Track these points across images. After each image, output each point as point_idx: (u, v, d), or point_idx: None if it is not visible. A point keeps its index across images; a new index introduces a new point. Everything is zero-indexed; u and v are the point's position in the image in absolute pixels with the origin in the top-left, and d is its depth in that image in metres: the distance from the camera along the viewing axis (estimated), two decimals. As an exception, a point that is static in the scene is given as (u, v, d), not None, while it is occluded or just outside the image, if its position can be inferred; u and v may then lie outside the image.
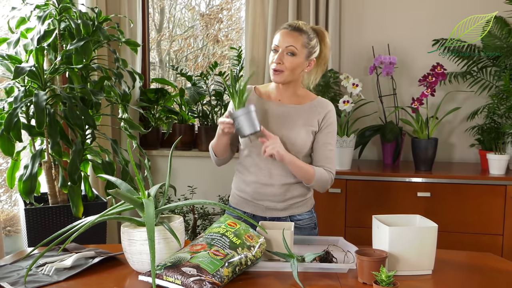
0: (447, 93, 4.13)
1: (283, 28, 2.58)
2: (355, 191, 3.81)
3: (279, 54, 2.52)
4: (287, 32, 2.55)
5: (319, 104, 2.66)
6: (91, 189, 3.85)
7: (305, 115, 2.62)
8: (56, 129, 3.37)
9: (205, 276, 1.82)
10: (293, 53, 2.52)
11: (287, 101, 2.66)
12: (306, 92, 2.72)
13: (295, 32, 2.54)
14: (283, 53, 2.52)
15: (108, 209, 2.14)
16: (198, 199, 4.45)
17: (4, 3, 4.11)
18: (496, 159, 3.72)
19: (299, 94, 2.68)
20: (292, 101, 2.66)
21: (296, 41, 2.52)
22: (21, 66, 3.27)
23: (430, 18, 4.26)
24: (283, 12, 4.26)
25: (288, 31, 2.55)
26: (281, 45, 2.53)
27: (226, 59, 5.15)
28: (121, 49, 4.37)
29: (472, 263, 2.34)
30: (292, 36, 2.53)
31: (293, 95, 2.66)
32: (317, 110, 2.64)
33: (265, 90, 2.73)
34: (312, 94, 2.73)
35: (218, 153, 2.70)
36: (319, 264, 2.13)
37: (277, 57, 2.52)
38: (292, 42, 2.52)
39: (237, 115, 2.38)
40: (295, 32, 2.54)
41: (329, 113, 2.65)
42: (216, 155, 2.71)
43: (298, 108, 2.64)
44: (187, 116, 4.75)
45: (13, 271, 2.11)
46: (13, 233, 4.22)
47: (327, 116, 2.64)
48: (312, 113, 2.63)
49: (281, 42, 2.53)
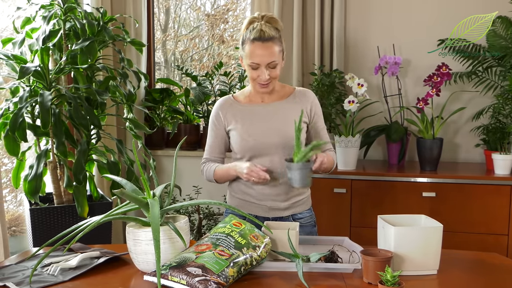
0: (452, 93, 4.12)
1: (254, 41, 2.52)
2: (360, 191, 3.81)
3: (264, 71, 2.53)
4: (261, 46, 2.51)
5: (301, 95, 2.72)
6: (96, 189, 3.86)
7: (292, 108, 2.66)
8: (61, 129, 3.38)
9: (210, 276, 1.82)
10: (275, 65, 2.54)
11: (270, 100, 2.70)
12: (281, 85, 2.76)
13: (268, 43, 2.51)
14: (267, 68, 2.53)
15: (113, 209, 2.14)
16: (203, 199, 4.46)
17: (9, 3, 4.11)
18: (501, 159, 3.71)
19: (277, 89, 2.72)
20: (274, 99, 2.70)
21: (274, 54, 2.52)
22: (26, 66, 3.28)
23: (435, 18, 4.25)
24: (288, 12, 4.25)
25: (261, 44, 2.51)
26: (262, 63, 2.52)
27: (232, 59, 5.15)
28: (126, 49, 4.38)
29: (477, 263, 2.33)
30: (267, 48, 2.51)
31: (273, 92, 2.69)
32: (301, 101, 2.69)
33: (244, 96, 2.75)
34: (287, 86, 2.78)
35: (220, 182, 2.76)
36: (324, 264, 2.12)
37: (264, 74, 2.52)
38: (271, 56, 2.51)
39: (295, 168, 2.35)
40: (268, 42, 2.52)
41: (313, 101, 2.73)
42: (217, 182, 2.76)
43: (283, 103, 2.68)
44: (192, 116, 4.76)
45: (18, 271, 2.12)
46: (18, 233, 4.23)
47: (313, 105, 2.72)
48: (297, 105, 2.67)
49: (261, 59, 2.51)
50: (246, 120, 2.65)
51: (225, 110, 2.69)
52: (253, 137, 2.60)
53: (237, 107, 2.69)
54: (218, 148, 2.74)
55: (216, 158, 2.76)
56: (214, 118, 2.72)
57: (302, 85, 4.22)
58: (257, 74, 2.55)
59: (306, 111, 2.67)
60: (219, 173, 2.68)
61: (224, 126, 2.69)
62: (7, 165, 4.22)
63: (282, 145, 2.59)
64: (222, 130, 2.70)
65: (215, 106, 2.74)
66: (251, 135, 2.61)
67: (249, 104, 2.70)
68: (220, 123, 2.70)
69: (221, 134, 2.71)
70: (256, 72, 2.55)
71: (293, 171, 2.35)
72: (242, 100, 2.72)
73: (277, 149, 2.60)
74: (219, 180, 2.72)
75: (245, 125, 2.64)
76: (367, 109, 4.14)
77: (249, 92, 2.72)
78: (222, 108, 2.70)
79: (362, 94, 3.88)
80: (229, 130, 2.68)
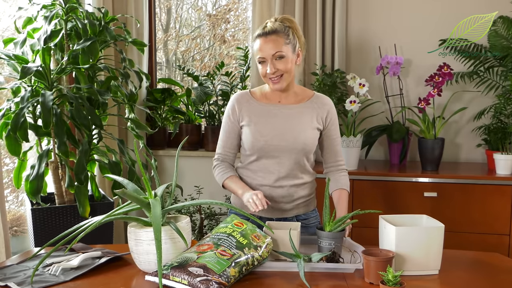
0: (454, 93, 4.12)
1: (258, 37, 2.55)
2: (362, 191, 3.80)
3: (270, 64, 2.52)
4: (265, 40, 2.52)
5: (319, 101, 2.69)
6: (98, 189, 3.86)
7: (308, 113, 2.64)
8: (63, 129, 3.38)
9: (212, 276, 1.82)
10: (282, 56, 2.52)
11: (287, 101, 2.67)
12: (302, 89, 2.75)
13: (271, 36, 2.52)
14: (273, 61, 2.52)
15: (114, 209, 2.15)
16: (204, 199, 4.46)
17: (10, 3, 4.12)
18: (502, 159, 3.71)
19: (297, 92, 2.70)
20: (292, 101, 2.67)
21: (278, 45, 2.51)
22: (28, 66, 3.28)
23: (436, 18, 4.25)
24: (290, 12, 4.25)
25: (265, 38, 2.53)
26: (267, 55, 2.52)
27: (233, 59, 5.15)
28: (128, 49, 4.38)
29: (478, 263, 2.33)
30: (272, 41, 2.52)
31: (291, 94, 2.68)
32: (318, 107, 2.67)
33: (261, 93, 2.72)
34: (308, 90, 2.76)
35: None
36: (326, 264, 2.12)
37: (270, 67, 2.52)
38: (275, 47, 2.51)
39: (326, 236, 2.27)
40: (272, 36, 2.52)
41: (330, 109, 2.70)
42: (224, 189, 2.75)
43: (299, 107, 2.66)
44: (194, 116, 4.76)
45: (19, 271, 2.12)
46: (20, 233, 4.23)
47: (330, 113, 2.69)
48: (314, 110, 2.65)
49: (265, 52, 2.52)
50: (261, 118, 2.63)
51: (241, 105, 2.67)
52: (265, 138, 2.58)
53: (253, 104, 2.67)
54: (231, 143, 2.71)
55: (229, 153, 2.73)
56: (230, 112, 2.69)
57: (303, 84, 4.22)
58: (265, 69, 2.54)
59: (321, 117, 2.66)
60: (228, 186, 2.67)
61: (238, 121, 2.66)
62: (8, 165, 4.22)
63: (292, 149, 2.59)
64: (236, 124, 2.67)
65: (231, 99, 2.71)
66: (263, 136, 2.59)
67: (266, 103, 2.67)
68: (235, 117, 2.67)
69: (235, 128, 2.68)
70: (264, 67, 2.54)
71: (324, 239, 2.28)
72: (259, 97, 2.70)
73: (287, 152, 2.59)
74: (228, 189, 2.70)
75: (259, 124, 2.62)
76: (369, 109, 4.15)
77: (267, 90, 2.71)
78: (239, 102, 2.68)
79: (363, 94, 3.88)
80: (242, 126, 2.66)
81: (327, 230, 2.27)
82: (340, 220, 2.29)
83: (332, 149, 2.72)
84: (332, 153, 2.73)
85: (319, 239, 2.28)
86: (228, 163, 2.73)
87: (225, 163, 2.72)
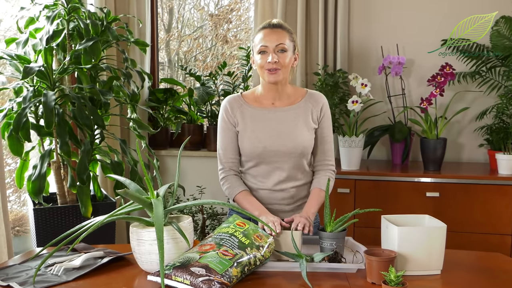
0: (456, 93, 4.11)
1: (264, 28, 2.55)
2: (364, 191, 3.80)
3: (272, 54, 2.49)
4: (270, 31, 2.52)
5: (312, 99, 2.66)
6: (100, 189, 3.86)
7: (302, 114, 2.62)
8: (65, 129, 3.38)
9: (214, 276, 1.82)
10: (284, 50, 2.51)
11: (281, 104, 2.64)
12: (294, 88, 2.71)
13: (277, 29, 2.53)
14: (275, 52, 2.50)
15: (117, 209, 2.15)
16: (207, 199, 4.46)
17: (13, 3, 4.12)
18: (505, 159, 3.70)
19: (290, 93, 2.66)
20: (286, 103, 2.64)
21: (282, 38, 2.51)
22: (30, 66, 3.28)
23: (439, 18, 4.24)
24: (292, 12, 4.25)
25: (270, 29, 2.53)
26: (270, 45, 2.50)
27: (235, 59, 5.15)
28: (130, 49, 4.38)
29: (481, 263, 2.33)
30: (277, 33, 2.52)
31: (284, 95, 2.64)
32: (312, 105, 2.64)
33: (254, 96, 2.68)
34: (300, 89, 2.74)
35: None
36: (328, 264, 2.12)
37: (272, 56, 2.49)
38: (279, 39, 2.50)
39: (327, 237, 2.25)
40: (278, 29, 2.53)
41: (323, 106, 2.67)
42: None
43: (294, 108, 2.63)
44: (196, 116, 4.76)
45: (22, 271, 2.12)
46: (22, 233, 4.24)
47: (323, 110, 2.66)
48: (308, 109, 2.63)
49: (269, 42, 2.50)
50: (256, 124, 2.59)
51: (234, 109, 2.62)
52: (263, 144, 2.56)
53: (246, 108, 2.63)
54: (232, 148, 2.64)
55: (232, 161, 2.65)
56: (224, 116, 2.64)
57: (305, 85, 4.22)
58: (265, 59, 2.50)
59: (316, 115, 2.64)
60: (240, 203, 2.59)
61: (234, 124, 2.62)
62: (10, 165, 4.23)
63: (292, 153, 2.58)
64: (232, 128, 2.62)
65: (223, 104, 2.66)
66: (261, 142, 2.56)
67: (260, 107, 2.64)
68: (231, 120, 2.62)
69: (233, 132, 2.63)
70: (264, 58, 2.51)
71: (325, 239, 2.26)
72: (251, 101, 2.66)
73: (287, 156, 2.58)
74: (237, 203, 2.63)
75: (256, 130, 2.58)
76: (371, 109, 4.14)
77: (260, 93, 2.66)
78: (232, 106, 2.63)
79: (365, 94, 3.87)
80: (238, 131, 2.62)
81: (328, 230, 2.27)
82: (341, 220, 2.29)
83: (322, 148, 2.68)
84: (321, 151, 2.68)
85: (320, 240, 2.28)
86: (234, 173, 2.66)
87: (231, 176, 2.65)
